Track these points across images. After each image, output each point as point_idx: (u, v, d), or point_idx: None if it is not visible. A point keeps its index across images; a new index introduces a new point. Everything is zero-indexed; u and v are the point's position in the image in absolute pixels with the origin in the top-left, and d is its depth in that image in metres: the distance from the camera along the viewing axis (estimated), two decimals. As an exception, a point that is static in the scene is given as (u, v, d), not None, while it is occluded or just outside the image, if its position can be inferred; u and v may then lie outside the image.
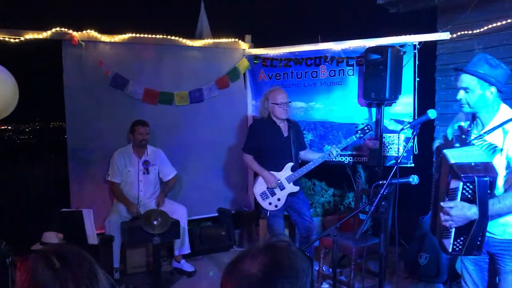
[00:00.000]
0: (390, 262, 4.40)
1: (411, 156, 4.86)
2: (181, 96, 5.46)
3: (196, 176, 5.59)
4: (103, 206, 4.96)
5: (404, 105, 4.92)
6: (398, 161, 2.84)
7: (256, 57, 5.73)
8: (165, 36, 5.37)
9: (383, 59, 4.65)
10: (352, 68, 5.18)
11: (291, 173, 4.28)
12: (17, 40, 4.56)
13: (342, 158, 5.21)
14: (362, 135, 4.38)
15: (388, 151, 5.02)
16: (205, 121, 5.64)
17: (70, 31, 4.80)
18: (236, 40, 5.80)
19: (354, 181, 5.57)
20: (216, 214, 5.74)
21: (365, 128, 4.36)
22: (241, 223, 5.72)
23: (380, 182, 2.82)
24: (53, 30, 4.72)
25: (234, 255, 1.27)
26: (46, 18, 4.99)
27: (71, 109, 4.94)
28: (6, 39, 4.50)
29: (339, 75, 5.25)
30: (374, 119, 5.08)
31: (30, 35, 4.62)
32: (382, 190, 2.74)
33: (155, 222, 4.34)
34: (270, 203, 4.28)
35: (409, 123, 3.14)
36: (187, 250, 4.98)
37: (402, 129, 3.66)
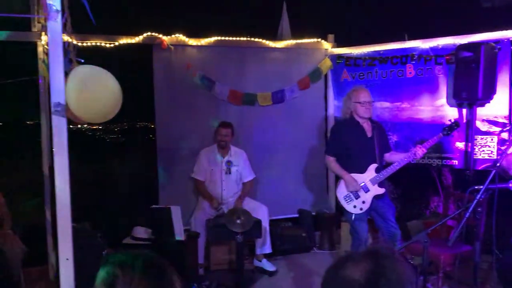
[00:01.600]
0: (482, 271, 4.14)
1: (507, 160, 4.54)
2: (264, 97, 5.52)
3: (277, 176, 5.62)
4: (189, 203, 5.13)
5: (498, 105, 4.61)
6: (497, 165, 2.67)
7: (339, 56, 5.66)
8: (248, 39, 5.46)
9: (476, 56, 4.41)
10: (441, 66, 4.94)
11: (376, 174, 4.17)
12: (112, 45, 4.85)
13: (427, 160, 4.99)
14: (449, 132, 4.16)
15: (480, 154, 4.73)
16: (286, 122, 5.66)
17: (160, 36, 5.03)
18: (319, 40, 5.76)
19: (440, 185, 5.32)
20: (297, 215, 5.74)
21: (453, 124, 4.13)
22: (321, 225, 5.66)
23: (476, 187, 2.67)
24: (145, 35, 4.97)
25: (334, 259, 1.26)
26: (139, 24, 5.26)
27: (160, 110, 5.17)
28: (103, 44, 4.80)
29: (427, 74, 5.03)
30: (464, 120, 4.81)
31: (124, 40, 4.90)
32: (479, 196, 2.59)
33: (238, 221, 4.42)
34: (354, 206, 4.19)
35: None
36: (268, 249, 5.02)
37: (502, 131, 3.42)
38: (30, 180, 5.90)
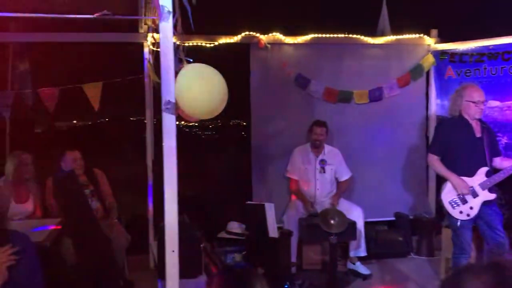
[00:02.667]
0: None
1: None
2: (360, 95, 5.38)
3: (373, 177, 5.45)
4: (281, 200, 5.14)
5: None
6: None
7: (443, 52, 5.34)
8: (346, 35, 5.35)
9: None
10: (562, 61, 4.47)
11: (486, 179, 3.86)
12: (211, 45, 4.99)
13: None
14: None
15: None
16: (384, 121, 5.47)
17: (258, 35, 5.09)
18: (421, 35, 5.48)
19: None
20: (393, 218, 5.52)
21: None
22: (419, 229, 5.39)
23: None
24: (243, 34, 5.06)
25: (453, 273, 1.17)
26: (237, 23, 5.37)
27: (256, 108, 5.24)
28: (203, 44, 4.96)
29: (544, 71, 4.58)
30: None
31: (223, 40, 5.02)
32: None
33: (332, 221, 4.34)
34: (461, 212, 3.90)
35: None
36: (363, 252, 4.89)
37: None
38: (135, 172, 6.27)
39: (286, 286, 4.23)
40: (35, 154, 4.49)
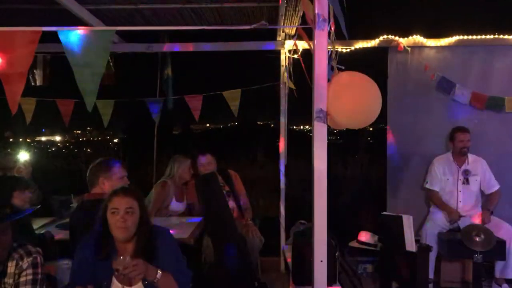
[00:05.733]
0: None
1: None
2: (512, 102, 4.88)
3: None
4: (418, 213, 4.86)
5: None
6: None
7: None
8: (495, 36, 4.91)
9: None
10: None
11: None
12: (348, 50, 4.93)
13: None
14: None
15: None
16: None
17: (397, 38, 4.91)
18: None
19: None
20: (549, 239, 4.91)
21: None
22: None
23: None
24: (381, 38, 4.93)
25: None
26: (374, 27, 5.25)
27: (393, 113, 5.04)
28: (340, 49, 4.91)
29: None
30: None
31: (360, 44, 4.93)
32: None
33: (477, 239, 4.01)
34: None
35: None
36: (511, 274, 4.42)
37: None
38: (265, 176, 6.44)
39: (424, 304, 4.00)
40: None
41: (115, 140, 15.37)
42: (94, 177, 3.14)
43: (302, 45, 4.34)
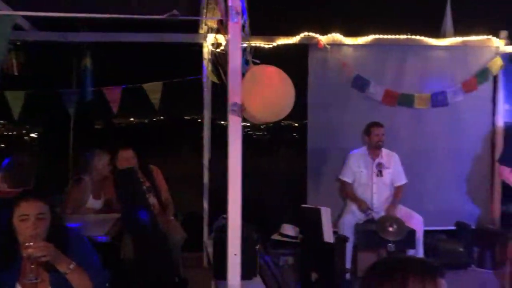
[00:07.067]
0: None
1: None
2: (422, 99, 5.19)
3: (433, 184, 5.26)
4: (337, 205, 5.03)
5: None
6: None
7: (513, 55, 5.06)
8: (409, 36, 5.19)
9: None
10: None
11: None
12: (270, 46, 4.97)
13: None
14: None
15: None
16: (446, 126, 5.26)
17: (317, 36, 5.02)
18: (488, 37, 5.22)
19: None
20: (453, 228, 5.29)
21: None
22: (482, 240, 5.13)
23: None
24: (302, 35, 5.01)
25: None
26: (296, 24, 5.34)
27: (313, 109, 5.17)
28: (262, 45, 4.96)
29: None
30: None
31: (282, 41, 5.00)
32: None
33: (390, 229, 4.22)
34: None
35: None
36: (421, 261, 4.70)
37: None
38: (190, 171, 6.36)
39: (340, 293, 4.15)
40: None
41: (33, 135, 14.54)
42: None
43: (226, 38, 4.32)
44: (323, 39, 5.04)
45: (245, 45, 2.02)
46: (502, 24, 5.40)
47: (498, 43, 5.21)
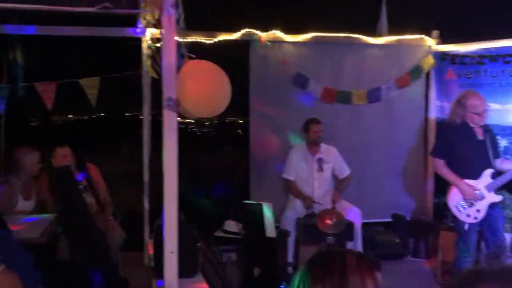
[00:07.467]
0: None
1: None
2: (359, 96, 5.34)
3: (370, 178, 5.43)
4: (280, 200, 5.10)
5: None
6: None
7: (444, 54, 5.31)
8: (347, 35, 5.31)
9: None
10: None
11: (492, 180, 3.83)
12: (211, 41, 4.94)
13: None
14: None
15: None
16: (382, 122, 5.45)
17: (258, 32, 5.04)
18: (422, 36, 5.45)
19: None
20: (390, 220, 5.49)
21: None
22: (417, 231, 5.36)
23: None
24: (243, 31, 5.01)
25: (459, 277, 1.12)
26: (237, 20, 5.33)
27: (255, 106, 5.19)
28: (203, 40, 4.91)
29: (546, 74, 4.56)
30: None
31: (223, 37, 4.97)
32: None
33: (329, 222, 4.31)
34: (468, 215, 3.86)
35: None
36: (359, 253, 4.86)
37: None
38: (130, 169, 6.21)
39: (282, 287, 4.20)
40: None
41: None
42: None
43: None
44: (264, 36, 5.06)
45: (180, 39, 2.01)
46: (434, 24, 5.65)
47: (430, 42, 5.45)
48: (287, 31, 5.19)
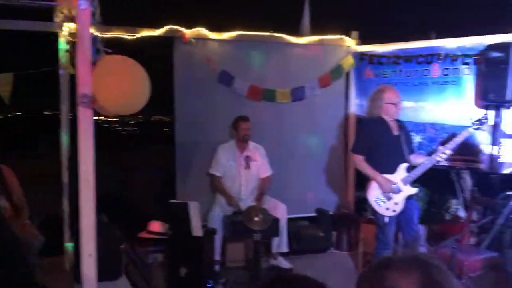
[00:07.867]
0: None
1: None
2: (283, 94, 5.44)
3: (295, 175, 5.55)
4: (207, 199, 5.07)
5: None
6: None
7: (363, 54, 5.54)
8: (271, 34, 5.38)
9: (506, 57, 4.28)
10: (468, 66, 4.80)
11: (407, 174, 4.05)
12: (133, 37, 4.80)
13: (451, 162, 4.85)
14: (479, 126, 3.94)
15: (506, 158, 4.58)
16: (305, 119, 5.58)
17: (182, 29, 4.97)
18: (342, 36, 5.65)
19: (460, 188, 5.17)
20: (314, 214, 5.66)
21: (482, 118, 3.96)
22: (339, 225, 5.57)
23: (509, 193, 2.56)
24: (166, 28, 4.92)
25: (373, 266, 1.18)
26: (160, 16, 5.22)
27: (181, 104, 5.12)
28: (124, 36, 4.76)
29: (453, 74, 4.90)
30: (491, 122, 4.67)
31: (145, 33, 4.85)
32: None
33: (256, 219, 4.35)
34: (387, 209, 4.05)
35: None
36: (285, 248, 4.96)
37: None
38: (48, 170, 5.91)
39: (209, 285, 4.19)
40: None
41: None
42: None
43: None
44: (188, 33, 5.00)
45: (98, 34, 1.93)
46: (354, 25, 5.87)
47: (350, 43, 5.66)
48: (212, 28, 5.16)
